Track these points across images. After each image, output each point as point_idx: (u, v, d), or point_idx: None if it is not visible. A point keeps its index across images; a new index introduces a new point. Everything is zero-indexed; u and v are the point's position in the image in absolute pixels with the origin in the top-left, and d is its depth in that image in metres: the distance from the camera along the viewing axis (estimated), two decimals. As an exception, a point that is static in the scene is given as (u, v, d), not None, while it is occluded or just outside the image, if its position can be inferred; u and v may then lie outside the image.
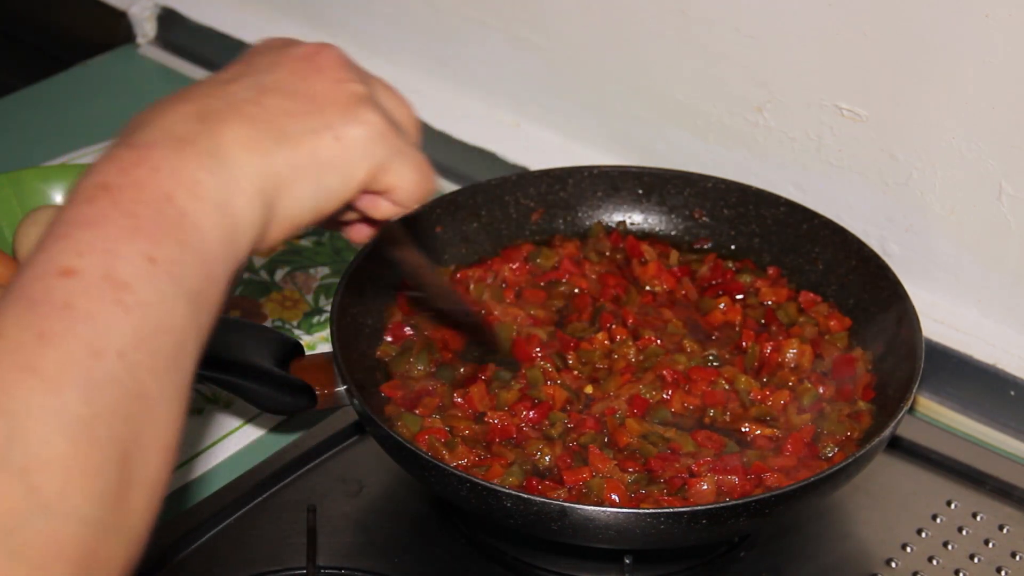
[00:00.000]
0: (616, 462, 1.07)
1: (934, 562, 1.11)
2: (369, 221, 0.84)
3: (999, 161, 1.21)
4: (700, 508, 0.99)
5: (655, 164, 1.35)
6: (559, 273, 1.27)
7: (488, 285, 1.25)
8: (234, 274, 0.71)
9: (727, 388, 1.15)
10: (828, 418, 1.12)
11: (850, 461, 1.02)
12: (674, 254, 1.29)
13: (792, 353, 1.18)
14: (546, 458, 1.08)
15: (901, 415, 1.05)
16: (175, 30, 1.77)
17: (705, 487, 1.05)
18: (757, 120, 1.35)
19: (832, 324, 1.21)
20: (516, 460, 1.07)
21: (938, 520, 1.15)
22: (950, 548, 1.13)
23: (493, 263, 1.28)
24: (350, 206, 0.80)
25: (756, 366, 1.18)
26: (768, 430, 1.11)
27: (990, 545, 1.13)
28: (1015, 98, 1.18)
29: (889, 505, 1.16)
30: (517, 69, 1.51)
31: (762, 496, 0.99)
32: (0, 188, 1.33)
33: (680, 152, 1.42)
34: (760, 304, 1.24)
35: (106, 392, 0.62)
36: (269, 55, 0.78)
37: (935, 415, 1.28)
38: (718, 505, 0.99)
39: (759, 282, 1.26)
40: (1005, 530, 1.15)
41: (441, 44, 1.56)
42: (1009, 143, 1.19)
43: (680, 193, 1.31)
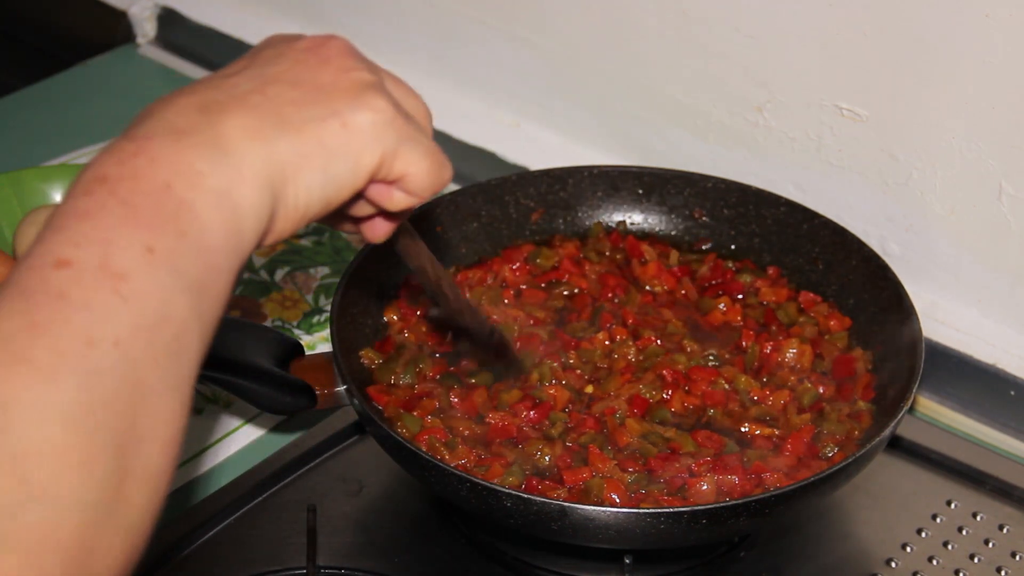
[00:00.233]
0: (616, 462, 1.07)
1: (934, 562, 1.11)
2: (386, 215, 0.81)
3: (999, 161, 1.21)
4: (700, 508, 0.99)
5: (655, 164, 1.35)
6: (559, 273, 1.26)
7: (488, 286, 1.25)
8: (242, 265, 0.69)
9: (727, 388, 1.15)
10: (828, 418, 1.12)
11: (850, 461, 1.02)
12: (674, 254, 1.29)
13: (792, 353, 1.18)
14: (546, 458, 1.08)
15: (901, 415, 1.05)
16: (175, 30, 1.77)
17: (705, 487, 1.05)
18: (757, 120, 1.35)
19: (832, 324, 1.21)
20: (516, 460, 1.07)
21: (938, 520, 1.15)
22: (950, 548, 1.13)
23: (493, 263, 1.28)
24: (363, 197, 0.77)
25: (756, 366, 1.18)
26: (768, 430, 1.11)
27: (990, 545, 1.13)
28: (1015, 98, 1.18)
29: (889, 505, 1.16)
30: (517, 69, 1.51)
31: (762, 496, 0.99)
32: (0, 188, 1.33)
33: (680, 152, 1.42)
34: (760, 304, 1.24)
35: (101, 382, 0.61)
36: (274, 49, 0.76)
37: (935, 415, 1.28)
38: (718, 505, 0.99)
39: (759, 282, 1.26)
40: (1005, 530, 1.15)
41: (441, 44, 1.56)
42: (1009, 143, 1.19)
43: (680, 193, 1.31)
